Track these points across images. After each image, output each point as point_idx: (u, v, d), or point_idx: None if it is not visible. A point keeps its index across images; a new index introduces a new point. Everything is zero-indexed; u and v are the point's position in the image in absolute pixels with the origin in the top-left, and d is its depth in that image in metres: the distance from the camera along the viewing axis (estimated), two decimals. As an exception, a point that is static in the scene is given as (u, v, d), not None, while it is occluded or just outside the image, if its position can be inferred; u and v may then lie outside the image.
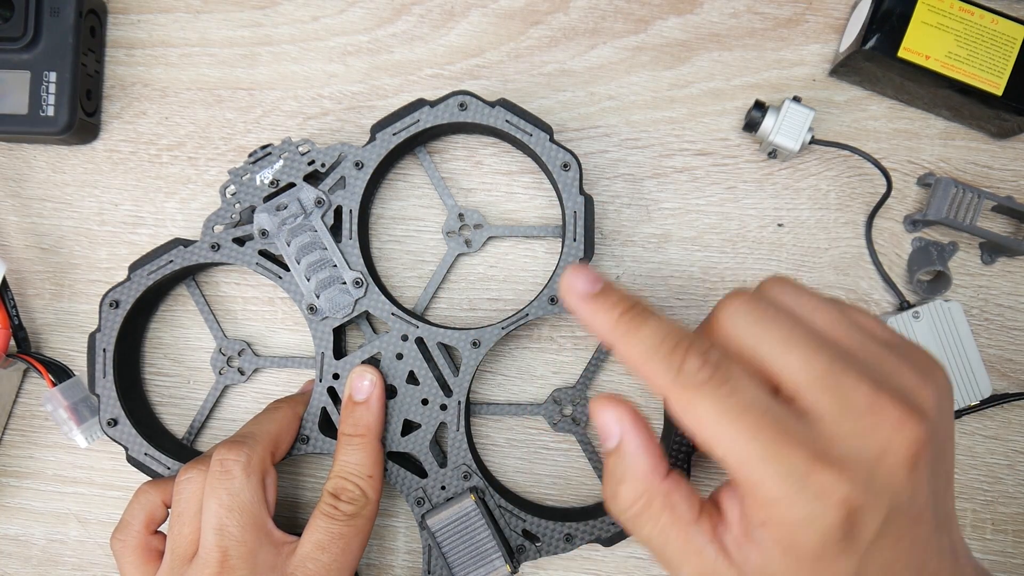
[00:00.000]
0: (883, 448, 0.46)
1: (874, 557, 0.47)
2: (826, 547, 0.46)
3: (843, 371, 0.47)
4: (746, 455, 0.46)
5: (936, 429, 0.48)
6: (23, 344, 0.76)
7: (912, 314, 0.73)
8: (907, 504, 0.47)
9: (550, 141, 0.70)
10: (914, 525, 0.47)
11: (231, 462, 0.66)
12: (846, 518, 0.45)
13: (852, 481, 0.45)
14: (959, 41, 0.70)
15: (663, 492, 0.52)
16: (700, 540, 0.50)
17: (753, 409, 0.47)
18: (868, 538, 0.46)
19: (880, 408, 0.46)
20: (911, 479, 0.46)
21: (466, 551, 0.70)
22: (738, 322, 0.50)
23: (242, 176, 0.71)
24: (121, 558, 0.68)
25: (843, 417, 0.46)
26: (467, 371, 0.72)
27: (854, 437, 0.46)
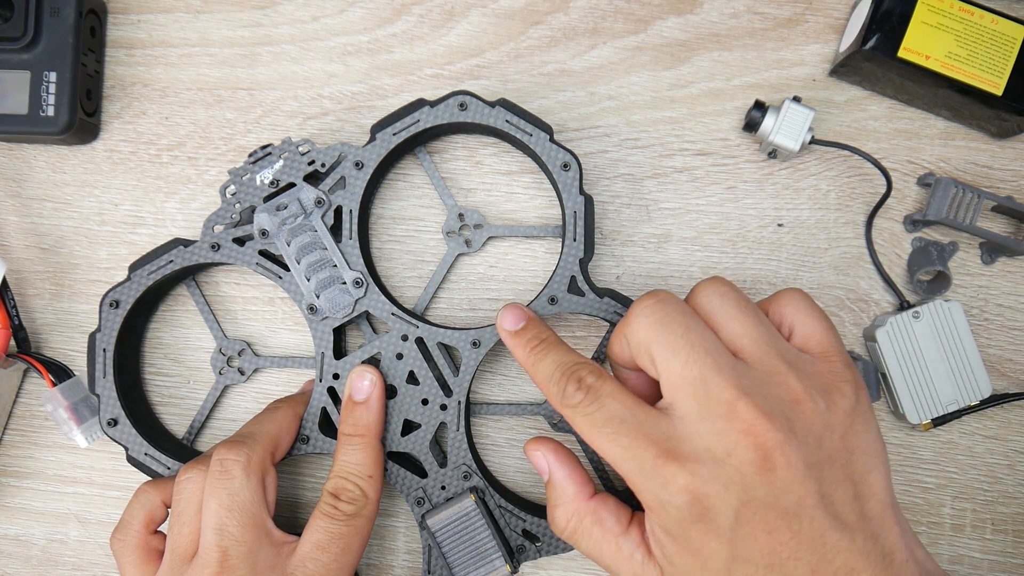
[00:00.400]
0: (730, 449, 0.53)
1: (747, 543, 0.54)
2: (685, 528, 0.55)
3: (714, 377, 0.55)
4: (614, 456, 0.56)
5: (811, 439, 0.55)
6: (23, 344, 0.76)
7: (912, 314, 0.73)
8: (770, 499, 0.53)
9: (550, 141, 0.70)
10: (790, 520, 0.53)
11: (231, 462, 0.66)
12: (691, 502, 0.54)
13: (693, 473, 0.53)
14: (959, 41, 0.70)
15: (591, 510, 0.62)
16: (629, 546, 0.60)
17: (614, 419, 0.57)
18: (727, 524, 0.53)
19: (736, 413, 0.54)
20: (765, 478, 0.53)
21: (466, 551, 0.70)
22: (641, 321, 0.58)
23: (242, 176, 0.71)
24: (121, 558, 0.68)
25: (702, 418, 0.54)
26: (467, 371, 0.72)
27: (707, 436, 0.54)
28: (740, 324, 0.58)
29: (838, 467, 0.55)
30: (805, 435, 0.54)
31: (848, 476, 0.55)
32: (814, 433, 0.55)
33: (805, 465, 0.53)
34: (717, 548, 0.54)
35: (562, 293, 0.70)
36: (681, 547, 0.55)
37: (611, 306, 0.70)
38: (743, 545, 0.54)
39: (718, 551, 0.54)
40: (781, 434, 0.53)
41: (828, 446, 0.55)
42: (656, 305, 0.58)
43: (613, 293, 0.71)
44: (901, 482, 0.77)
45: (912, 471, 0.77)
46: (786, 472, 0.53)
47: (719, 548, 0.54)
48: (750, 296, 0.64)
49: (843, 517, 0.54)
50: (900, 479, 0.77)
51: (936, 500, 0.77)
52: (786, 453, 0.53)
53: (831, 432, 0.55)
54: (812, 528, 0.53)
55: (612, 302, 0.70)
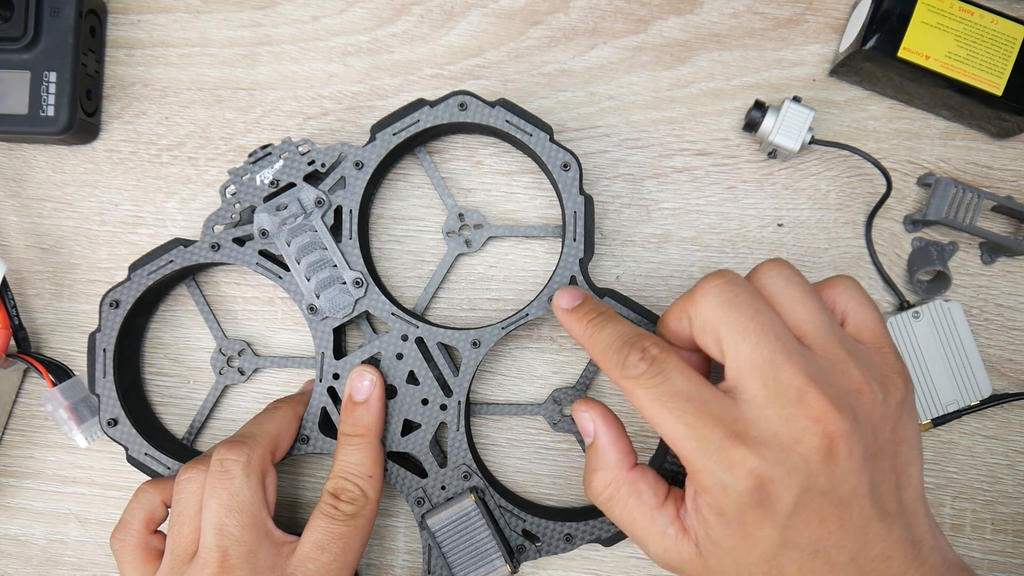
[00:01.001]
0: (798, 436, 0.53)
1: (799, 530, 0.54)
2: (743, 512, 0.54)
3: (784, 363, 0.54)
4: (675, 434, 0.55)
5: (869, 430, 0.55)
6: (23, 344, 0.76)
7: (912, 314, 0.73)
8: (828, 488, 0.53)
9: (550, 141, 0.70)
10: (842, 509, 0.54)
11: (231, 462, 0.66)
12: (756, 487, 0.53)
13: (762, 457, 0.53)
14: (959, 41, 0.70)
15: (630, 480, 0.61)
16: (663, 521, 0.59)
17: (680, 395, 0.56)
18: (785, 510, 0.54)
19: (806, 400, 0.54)
20: (827, 466, 0.53)
21: (466, 551, 0.70)
22: (709, 300, 0.57)
23: (242, 176, 0.71)
24: (121, 558, 0.68)
25: (770, 403, 0.54)
26: (467, 371, 0.72)
27: (776, 421, 0.54)
28: (805, 309, 0.58)
29: (887, 458, 0.56)
30: (866, 425, 0.55)
31: (893, 467, 0.56)
32: (872, 423, 0.55)
33: (863, 456, 0.54)
34: (769, 534, 0.54)
35: (563, 293, 0.70)
36: (732, 530, 0.55)
37: (612, 306, 0.70)
38: (794, 532, 0.54)
39: (769, 536, 0.54)
40: (847, 424, 0.53)
41: (882, 437, 0.56)
42: (726, 285, 0.58)
43: (613, 293, 0.71)
44: (901, 482, 0.77)
45: (912, 471, 0.77)
46: (847, 463, 0.53)
47: (771, 534, 0.54)
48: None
49: (886, 507, 0.55)
50: (900, 479, 0.77)
51: (936, 500, 0.77)
52: (850, 444, 0.53)
53: (885, 423, 0.56)
54: (860, 517, 0.54)
55: (612, 302, 0.70)
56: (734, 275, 0.59)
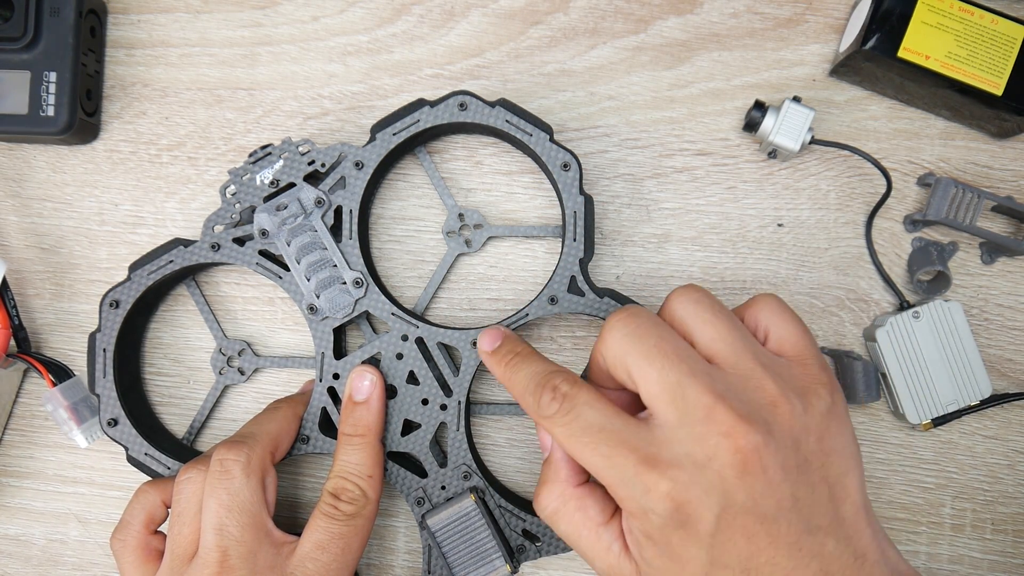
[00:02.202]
0: (711, 453, 0.54)
1: (725, 548, 0.54)
2: (667, 534, 0.54)
3: (690, 383, 0.55)
4: (594, 465, 0.57)
5: (788, 442, 0.55)
6: (23, 344, 0.76)
7: (912, 314, 0.73)
8: (749, 504, 0.53)
9: (550, 141, 0.70)
10: (768, 525, 0.54)
11: (231, 462, 0.66)
12: (674, 510, 0.54)
13: (674, 479, 0.53)
14: (959, 41, 0.70)
15: (577, 496, 0.62)
16: (608, 538, 0.59)
17: (592, 428, 0.57)
18: (707, 530, 0.53)
19: (714, 416, 0.54)
20: (744, 482, 0.53)
21: (466, 551, 0.70)
22: (615, 335, 0.58)
23: (242, 176, 0.71)
24: (121, 558, 0.68)
25: (681, 424, 0.55)
26: (467, 371, 0.72)
27: (687, 441, 0.54)
28: (714, 328, 0.58)
29: (814, 470, 0.56)
30: (783, 437, 0.55)
31: (824, 478, 0.56)
32: (792, 435, 0.55)
33: (783, 469, 0.54)
34: (696, 553, 0.54)
35: (562, 293, 0.70)
36: (660, 551, 0.55)
37: (611, 306, 0.70)
38: (722, 550, 0.54)
39: (697, 556, 0.54)
40: (760, 437, 0.54)
41: (805, 449, 0.56)
42: (627, 319, 0.59)
43: (613, 293, 0.71)
44: (901, 482, 0.77)
45: (912, 471, 0.77)
46: (764, 476, 0.54)
47: (698, 553, 0.54)
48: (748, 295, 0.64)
49: (817, 520, 0.55)
50: (900, 479, 0.77)
51: (936, 500, 0.77)
52: (764, 457, 0.54)
53: (807, 434, 0.56)
54: (788, 532, 0.54)
55: (612, 302, 0.70)
56: (637, 308, 0.60)
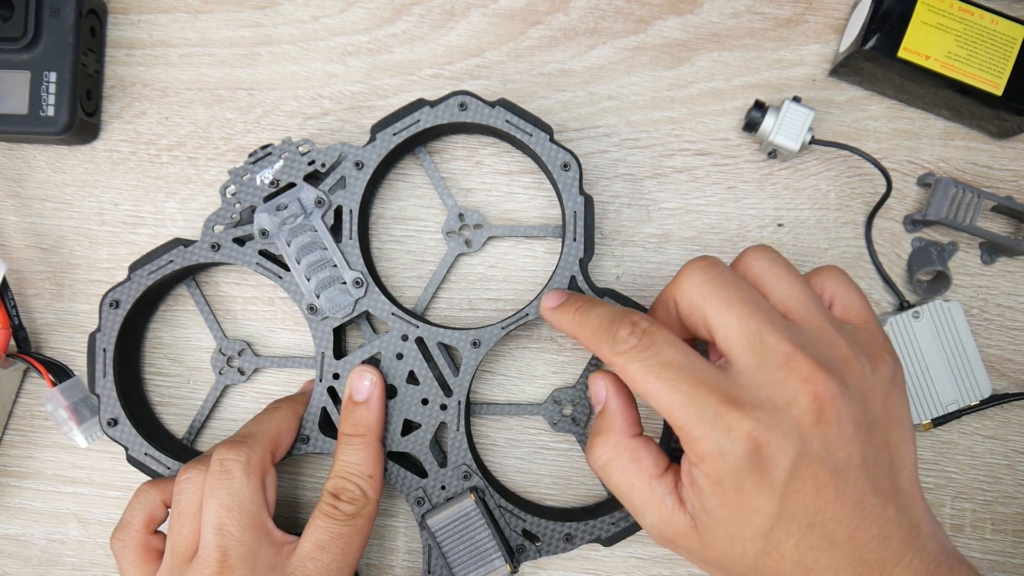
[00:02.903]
0: (790, 398, 0.54)
1: (795, 499, 0.54)
2: (741, 478, 0.54)
3: (769, 331, 0.56)
4: (670, 403, 0.55)
5: (859, 397, 0.56)
6: (23, 344, 0.76)
7: (912, 314, 0.74)
8: (822, 453, 0.54)
9: (550, 141, 0.70)
10: (838, 479, 0.54)
11: (231, 462, 0.66)
12: (752, 451, 0.53)
13: (757, 420, 0.53)
14: (959, 41, 0.70)
15: (631, 447, 0.61)
16: (661, 490, 0.59)
17: (672, 365, 0.56)
18: (781, 476, 0.53)
19: (793, 364, 0.54)
20: (820, 429, 0.54)
21: (466, 551, 0.70)
22: (693, 281, 0.59)
23: (242, 176, 0.71)
24: (121, 558, 0.68)
25: (759, 369, 0.55)
26: (467, 371, 0.72)
27: (766, 386, 0.55)
28: (789, 286, 0.59)
29: (879, 432, 0.56)
30: (855, 393, 0.55)
31: (886, 443, 0.57)
32: (862, 393, 0.56)
33: (854, 423, 0.55)
34: (766, 503, 0.54)
35: (564, 294, 0.70)
36: (728, 500, 0.55)
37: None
38: (792, 500, 0.54)
39: (765, 506, 0.54)
40: (836, 386, 0.54)
41: (872, 409, 0.56)
42: (707, 267, 0.59)
43: (613, 293, 0.71)
44: (901, 482, 0.77)
45: (912, 471, 0.77)
46: (838, 427, 0.54)
47: (767, 503, 0.54)
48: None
49: (880, 483, 0.55)
50: (900, 479, 0.77)
51: (936, 500, 0.77)
52: (839, 407, 0.54)
53: (875, 395, 0.57)
54: (855, 490, 0.54)
55: (612, 302, 0.70)
56: (715, 259, 0.60)
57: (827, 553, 0.54)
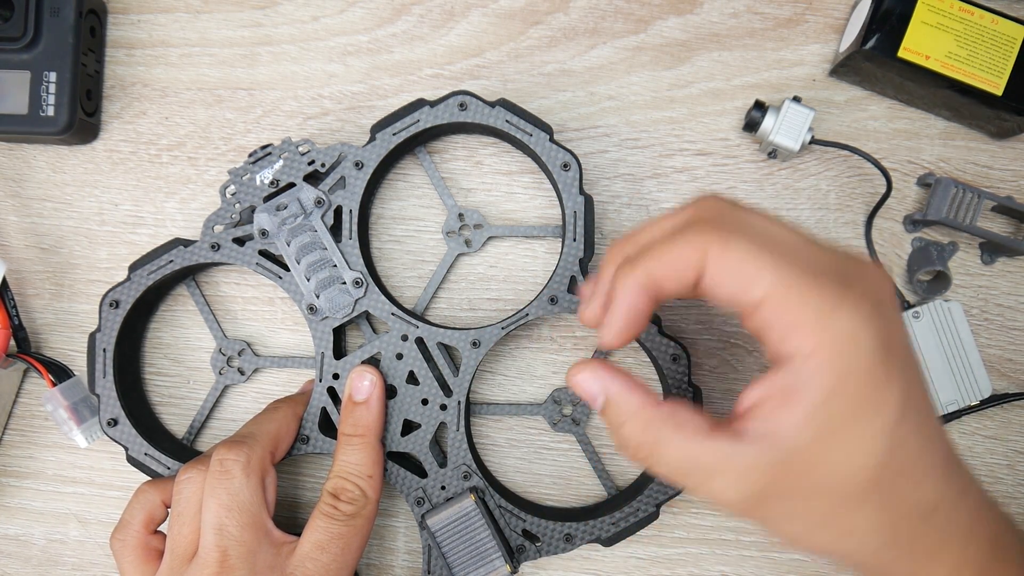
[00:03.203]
0: (878, 284, 0.50)
1: (914, 387, 0.50)
2: (874, 364, 0.48)
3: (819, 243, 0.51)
4: (789, 285, 0.48)
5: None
6: (23, 344, 0.76)
7: (912, 314, 0.73)
8: (908, 341, 0.51)
9: (550, 141, 0.70)
10: (917, 370, 0.51)
11: (231, 462, 0.66)
12: (879, 330, 0.48)
13: (878, 302, 0.49)
14: (959, 41, 0.70)
15: (665, 415, 0.53)
16: (727, 444, 0.50)
17: (777, 240, 0.50)
18: (908, 360, 0.50)
19: (863, 260, 0.52)
20: (895, 313, 0.51)
21: (466, 551, 0.70)
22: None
23: (242, 176, 0.71)
24: (120, 557, 0.68)
25: (847, 266, 0.51)
26: (467, 371, 0.72)
27: (859, 279, 0.50)
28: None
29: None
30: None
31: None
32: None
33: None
34: (895, 391, 0.48)
35: (562, 293, 0.70)
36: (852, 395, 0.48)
37: (611, 306, 0.70)
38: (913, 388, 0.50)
39: (895, 395, 0.48)
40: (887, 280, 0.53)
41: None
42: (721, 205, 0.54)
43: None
44: (901, 482, 0.77)
45: (912, 471, 0.77)
46: (899, 316, 0.52)
47: (896, 391, 0.48)
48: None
49: (925, 386, 0.53)
50: (900, 479, 0.77)
51: (936, 500, 0.77)
52: (893, 297, 0.52)
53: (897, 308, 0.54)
54: (922, 386, 0.52)
55: (612, 303, 0.70)
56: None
57: (929, 451, 0.50)
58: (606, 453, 0.78)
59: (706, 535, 0.78)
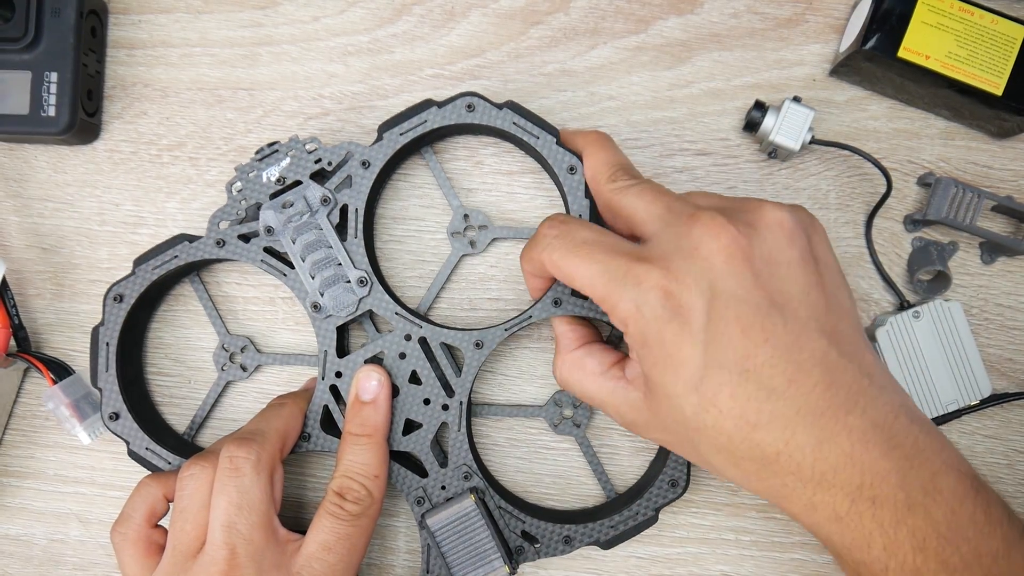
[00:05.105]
0: (695, 244, 0.56)
1: (720, 344, 0.54)
2: (661, 328, 0.56)
3: (678, 205, 0.60)
4: (589, 276, 0.59)
5: (775, 239, 0.57)
6: (23, 344, 0.76)
7: (912, 314, 0.74)
8: (740, 292, 0.55)
9: (556, 144, 0.70)
10: (763, 318, 0.55)
11: (241, 459, 0.66)
12: (665, 298, 0.55)
13: (664, 268, 0.56)
14: (959, 41, 0.71)
15: (576, 358, 0.67)
16: (611, 382, 0.64)
17: (587, 242, 0.60)
18: (700, 321, 0.55)
19: (696, 219, 0.57)
20: (730, 267, 0.55)
21: (465, 551, 0.70)
22: (603, 187, 0.66)
23: (248, 173, 0.71)
24: (121, 551, 0.68)
25: (667, 231, 0.58)
26: (469, 372, 0.72)
27: (673, 239, 0.57)
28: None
29: (804, 272, 0.57)
30: (765, 233, 0.57)
31: (818, 284, 0.57)
32: (776, 232, 0.57)
33: (770, 261, 0.56)
34: (691, 352, 0.55)
35: (566, 296, 0.70)
36: (657, 358, 0.57)
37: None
38: (717, 346, 0.54)
39: (692, 355, 0.55)
40: (741, 227, 0.56)
41: (792, 249, 0.57)
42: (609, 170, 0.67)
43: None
44: (901, 481, 0.77)
45: (912, 470, 0.77)
46: (750, 266, 0.56)
47: (693, 352, 0.55)
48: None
49: (816, 325, 0.56)
50: (900, 478, 0.77)
51: (936, 499, 0.77)
52: (748, 246, 0.56)
53: (795, 235, 0.58)
54: (785, 331, 0.55)
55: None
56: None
57: (768, 403, 0.54)
58: (606, 456, 0.78)
59: (706, 535, 0.78)
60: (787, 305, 0.55)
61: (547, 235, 0.62)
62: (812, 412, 0.54)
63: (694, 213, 0.57)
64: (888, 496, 0.53)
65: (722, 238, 0.55)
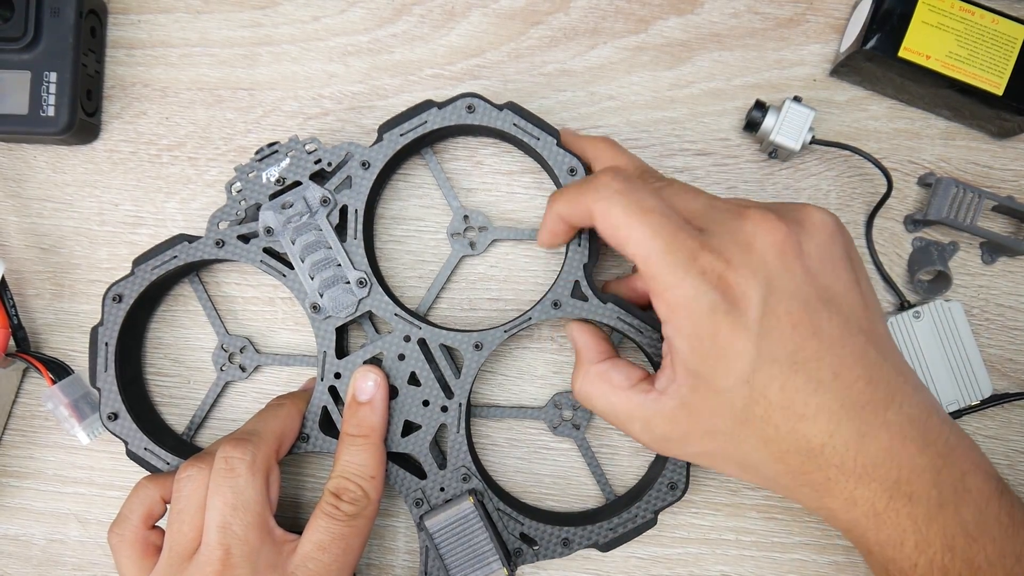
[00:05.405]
0: (748, 239, 0.56)
1: (772, 338, 0.56)
2: (716, 320, 0.55)
3: (720, 202, 0.60)
4: (648, 249, 0.57)
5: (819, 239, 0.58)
6: (22, 344, 0.76)
7: (913, 314, 0.74)
8: (791, 287, 0.56)
9: (557, 146, 0.70)
10: (811, 315, 0.56)
11: (236, 460, 0.66)
12: (724, 290, 0.55)
13: (726, 261, 0.56)
14: (960, 41, 0.70)
15: (600, 371, 0.65)
16: (638, 396, 0.62)
17: (655, 211, 0.58)
18: (755, 315, 0.55)
19: (746, 215, 0.57)
20: (783, 263, 0.56)
21: (464, 553, 0.70)
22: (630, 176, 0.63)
23: (248, 173, 0.71)
24: (118, 552, 0.68)
25: (717, 227, 0.58)
26: (469, 373, 0.72)
27: (727, 234, 0.57)
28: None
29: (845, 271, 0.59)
30: (815, 231, 0.59)
31: (856, 284, 0.59)
32: (819, 232, 0.59)
33: (818, 258, 0.58)
34: (744, 345, 0.55)
35: (565, 298, 0.70)
36: (707, 349, 0.56)
37: (615, 311, 0.69)
38: (769, 340, 0.55)
39: (745, 348, 0.55)
40: (791, 224, 0.57)
41: (834, 249, 0.59)
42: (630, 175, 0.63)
43: (616, 298, 0.70)
44: (902, 482, 0.77)
45: (912, 471, 0.77)
46: (801, 262, 0.57)
47: (746, 345, 0.55)
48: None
49: (856, 324, 0.57)
50: (901, 479, 0.77)
51: (936, 500, 0.77)
52: (797, 242, 0.57)
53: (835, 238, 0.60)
54: (831, 327, 0.56)
55: (615, 307, 0.69)
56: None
57: (816, 396, 0.56)
58: (605, 457, 0.78)
59: (706, 535, 0.78)
60: (832, 301, 0.57)
61: (609, 185, 0.60)
62: (855, 406, 0.55)
63: (742, 210, 0.58)
64: (922, 493, 0.56)
65: (776, 234, 0.56)
